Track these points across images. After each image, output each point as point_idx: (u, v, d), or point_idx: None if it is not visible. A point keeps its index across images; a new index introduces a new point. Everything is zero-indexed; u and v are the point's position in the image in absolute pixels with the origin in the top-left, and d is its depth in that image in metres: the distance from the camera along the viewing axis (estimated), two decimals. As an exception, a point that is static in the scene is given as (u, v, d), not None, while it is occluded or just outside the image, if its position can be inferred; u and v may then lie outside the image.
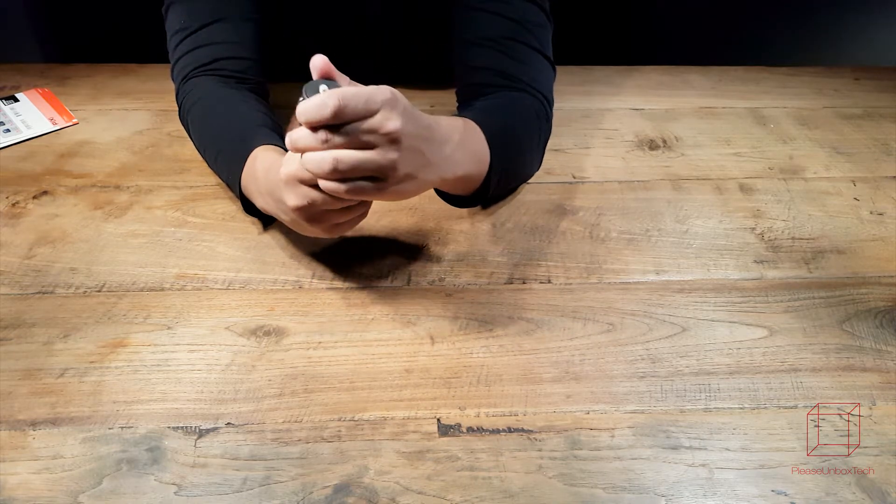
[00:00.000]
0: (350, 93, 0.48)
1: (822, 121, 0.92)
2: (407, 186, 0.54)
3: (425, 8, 0.81)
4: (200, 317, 0.62)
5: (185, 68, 0.74)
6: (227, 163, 0.68)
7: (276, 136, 0.68)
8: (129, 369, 0.57)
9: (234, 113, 0.71)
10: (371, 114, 0.49)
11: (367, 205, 0.59)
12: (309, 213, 0.55)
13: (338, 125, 0.49)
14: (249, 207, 0.68)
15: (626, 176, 0.81)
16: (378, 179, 0.52)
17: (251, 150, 0.64)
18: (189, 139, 0.76)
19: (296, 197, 0.54)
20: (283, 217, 0.60)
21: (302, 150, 0.51)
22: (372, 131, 0.50)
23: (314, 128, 0.49)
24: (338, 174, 0.50)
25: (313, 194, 0.53)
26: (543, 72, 0.75)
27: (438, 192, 0.71)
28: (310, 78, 0.52)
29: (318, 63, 0.52)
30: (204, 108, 0.72)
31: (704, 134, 0.89)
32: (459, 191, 0.67)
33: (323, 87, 0.50)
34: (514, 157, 0.71)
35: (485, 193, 0.67)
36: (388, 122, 0.50)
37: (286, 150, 0.63)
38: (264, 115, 0.72)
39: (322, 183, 0.51)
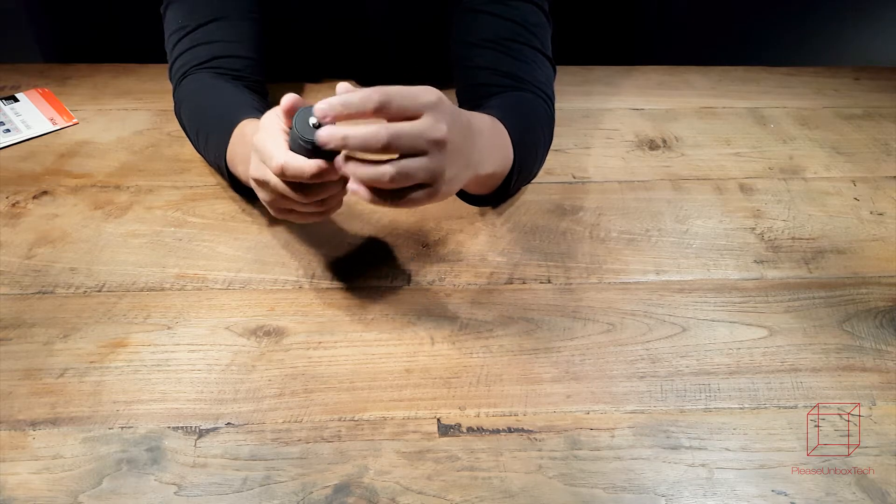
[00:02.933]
0: (395, 90, 0.47)
1: (822, 121, 0.92)
2: (450, 188, 0.53)
3: (426, 9, 0.81)
4: (200, 317, 0.62)
5: (183, 67, 0.74)
6: (215, 142, 0.68)
7: (260, 113, 0.67)
8: (129, 369, 0.57)
9: (224, 97, 0.71)
10: (416, 115, 0.48)
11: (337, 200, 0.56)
12: (278, 207, 0.54)
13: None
14: (235, 184, 0.68)
15: (626, 176, 0.81)
16: (426, 185, 0.50)
17: (237, 124, 0.64)
18: (188, 138, 0.76)
19: (265, 194, 0.54)
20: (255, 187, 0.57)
21: (354, 147, 0.48)
22: (421, 135, 0.48)
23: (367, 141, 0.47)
24: (393, 185, 0.49)
25: (274, 181, 0.51)
26: (545, 72, 0.75)
27: (459, 194, 0.70)
28: (311, 78, 0.52)
29: (288, 101, 0.51)
30: (196, 97, 0.73)
31: (704, 134, 0.89)
32: (483, 189, 0.66)
33: (313, 119, 0.49)
34: (532, 156, 0.71)
35: (505, 191, 0.66)
36: (439, 125, 0.49)
37: None
38: (254, 100, 0.72)
39: (362, 191, 0.49)
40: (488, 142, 0.59)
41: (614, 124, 0.90)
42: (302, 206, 0.53)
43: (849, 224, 0.75)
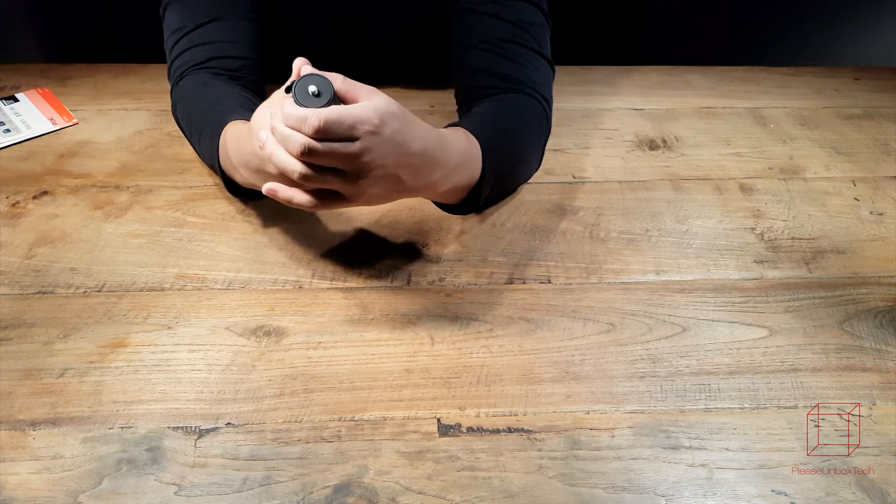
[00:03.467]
0: (333, 117, 0.49)
1: (822, 121, 0.92)
2: (374, 202, 0.56)
3: (426, 9, 0.81)
4: (200, 317, 0.62)
5: (180, 67, 0.74)
6: (207, 141, 0.68)
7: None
8: (129, 369, 0.57)
9: (216, 95, 0.71)
10: (351, 139, 0.50)
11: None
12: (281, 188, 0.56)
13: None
14: (231, 186, 0.68)
15: (626, 176, 0.81)
16: (342, 195, 0.54)
17: (227, 123, 0.64)
18: (186, 138, 0.76)
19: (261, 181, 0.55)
20: (260, 184, 0.58)
21: (279, 145, 0.51)
22: (347, 158, 0.50)
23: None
24: (304, 183, 0.52)
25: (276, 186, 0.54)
26: (542, 73, 0.75)
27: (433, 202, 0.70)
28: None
29: (299, 65, 0.53)
30: (190, 95, 0.73)
31: (704, 134, 0.89)
32: (448, 200, 0.66)
33: (312, 87, 0.50)
34: (512, 162, 0.70)
35: (476, 202, 0.66)
36: (365, 153, 0.50)
37: None
38: (248, 98, 0.72)
39: (289, 181, 0.53)
40: (450, 167, 0.59)
41: (614, 124, 0.90)
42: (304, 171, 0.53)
43: (849, 224, 0.75)
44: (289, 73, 0.68)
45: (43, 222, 0.70)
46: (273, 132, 0.51)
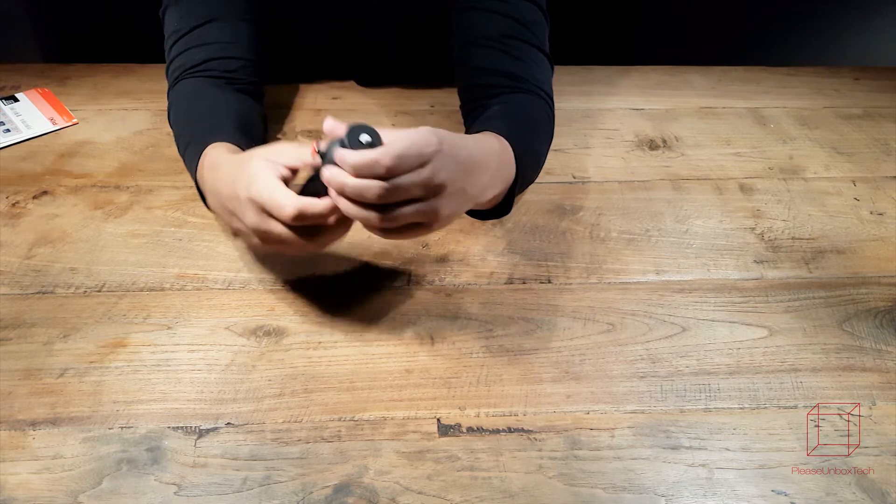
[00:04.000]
0: (401, 150, 0.48)
1: (822, 121, 0.92)
2: (448, 222, 0.55)
3: (426, 8, 0.81)
4: (200, 317, 0.62)
5: (178, 69, 0.74)
6: (190, 159, 0.67)
7: (240, 133, 0.67)
8: (129, 369, 0.57)
9: (206, 108, 0.70)
10: (421, 165, 0.49)
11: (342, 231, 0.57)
12: (266, 238, 0.54)
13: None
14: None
15: (626, 176, 0.81)
16: (422, 224, 0.52)
17: (208, 144, 0.63)
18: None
19: (257, 219, 0.53)
20: (230, 223, 0.58)
21: (351, 201, 0.50)
22: (425, 184, 0.50)
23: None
24: (387, 225, 0.51)
25: (279, 230, 0.52)
26: (544, 70, 0.75)
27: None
28: (312, 78, 0.52)
29: (330, 126, 0.51)
30: (182, 102, 0.72)
31: (704, 134, 0.89)
32: (485, 207, 0.65)
33: (365, 136, 0.49)
34: (534, 164, 0.70)
35: (508, 207, 0.66)
36: (437, 174, 0.50)
37: (239, 148, 0.62)
38: (242, 112, 0.71)
39: (364, 223, 0.51)
40: (493, 170, 0.59)
41: (614, 124, 0.90)
42: (303, 247, 0.54)
43: (849, 224, 0.75)
44: (289, 74, 0.69)
45: (43, 222, 0.70)
46: (344, 190, 0.49)
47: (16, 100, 0.87)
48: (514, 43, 0.73)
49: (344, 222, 0.53)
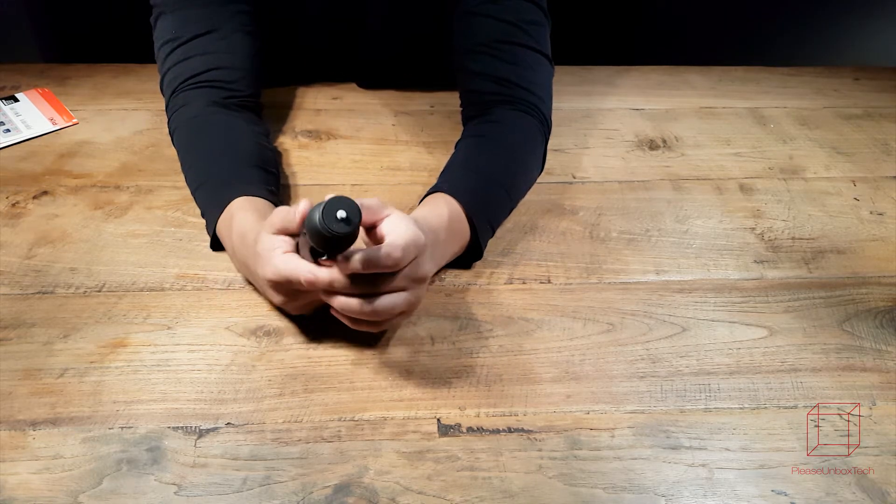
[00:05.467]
0: (403, 249, 0.50)
1: (822, 121, 0.92)
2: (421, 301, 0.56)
3: (426, 11, 0.81)
4: (200, 317, 0.62)
5: (175, 80, 0.73)
6: (204, 200, 0.67)
7: (260, 171, 0.67)
8: (129, 369, 0.57)
9: (219, 144, 0.70)
10: (415, 260, 0.52)
11: None
12: (293, 303, 0.58)
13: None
14: (216, 245, 0.67)
15: (626, 176, 0.81)
16: (405, 312, 0.54)
17: (231, 198, 0.63)
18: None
19: (279, 295, 0.57)
20: (257, 284, 0.61)
21: (340, 302, 0.52)
22: (409, 278, 0.52)
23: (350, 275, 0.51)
24: (377, 318, 0.53)
25: (300, 297, 0.56)
26: (540, 72, 0.75)
27: None
28: (312, 79, 0.52)
29: (303, 208, 0.52)
30: (189, 132, 0.71)
31: (704, 134, 0.89)
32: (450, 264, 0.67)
33: (341, 212, 0.48)
34: (503, 202, 0.70)
35: (479, 252, 0.67)
36: (422, 266, 0.53)
37: (267, 198, 0.64)
38: (252, 143, 0.70)
39: (346, 321, 0.55)
40: (445, 240, 0.62)
41: (614, 124, 0.90)
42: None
43: (849, 224, 0.75)
44: (289, 74, 0.68)
45: (43, 222, 0.70)
46: (337, 306, 0.52)
47: (16, 100, 0.87)
48: (508, 47, 0.73)
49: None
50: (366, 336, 0.61)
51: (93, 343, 0.59)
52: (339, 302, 0.52)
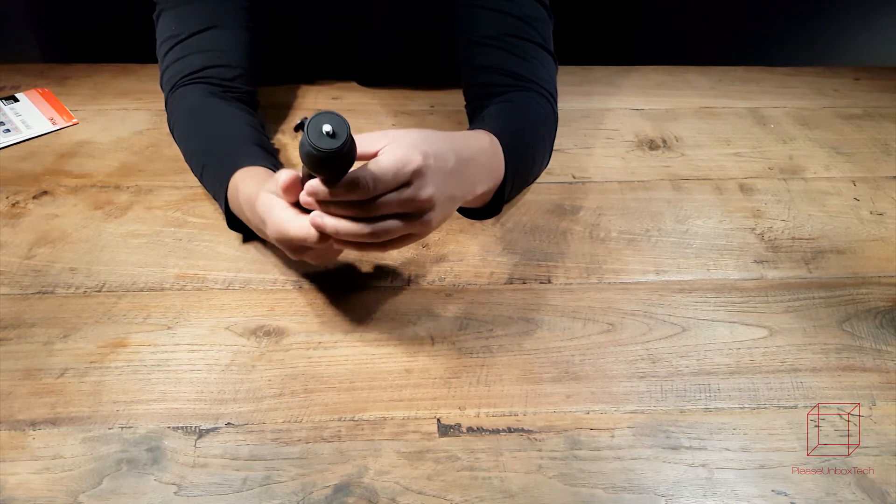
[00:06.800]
0: (379, 173, 0.47)
1: (822, 121, 0.92)
2: (436, 227, 0.54)
3: (427, 7, 0.81)
4: (200, 317, 0.62)
5: (174, 77, 0.73)
6: (211, 180, 0.68)
7: (260, 150, 0.67)
8: (129, 369, 0.57)
9: (219, 126, 0.70)
10: (404, 184, 0.49)
11: None
12: (309, 255, 0.56)
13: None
14: (233, 223, 0.66)
15: (626, 176, 0.81)
16: (413, 234, 0.52)
17: (234, 170, 0.63)
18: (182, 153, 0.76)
19: (292, 252, 0.55)
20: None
21: (333, 224, 0.50)
22: (407, 203, 0.49)
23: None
24: (375, 241, 0.51)
25: (311, 250, 0.54)
26: (547, 68, 0.75)
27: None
28: (312, 79, 0.51)
29: (287, 179, 0.51)
30: (189, 120, 0.72)
31: (704, 134, 0.89)
32: (474, 204, 0.66)
33: (327, 126, 0.45)
34: (528, 164, 0.70)
35: (499, 205, 0.66)
36: (421, 192, 0.50)
37: (269, 168, 0.63)
38: (250, 127, 0.71)
39: (355, 245, 0.52)
40: (481, 167, 0.59)
41: (614, 124, 0.90)
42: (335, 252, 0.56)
43: (849, 224, 0.75)
44: (289, 74, 0.68)
45: (43, 222, 0.70)
46: (323, 225, 0.50)
47: (16, 100, 0.87)
48: (517, 41, 0.73)
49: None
50: (366, 336, 0.61)
51: (93, 343, 0.59)
52: (332, 227, 0.50)
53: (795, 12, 1.26)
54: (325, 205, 0.49)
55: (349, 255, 0.68)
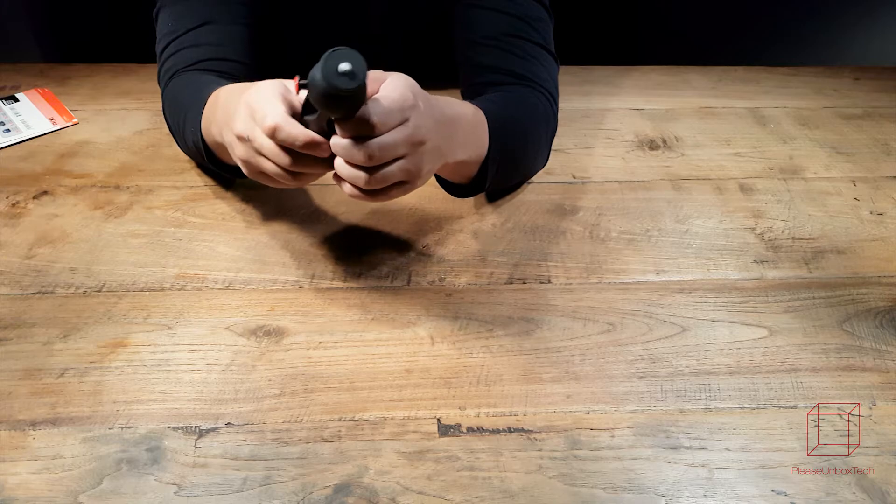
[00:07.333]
0: (386, 108, 0.48)
1: (822, 121, 0.92)
2: (426, 179, 0.55)
3: (428, 6, 0.81)
4: (200, 317, 0.62)
5: (170, 70, 0.73)
6: (192, 119, 0.66)
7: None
8: (129, 369, 0.57)
9: (206, 81, 0.69)
10: (403, 122, 0.50)
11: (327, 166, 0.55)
12: (253, 168, 0.54)
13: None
14: (211, 157, 0.65)
15: (626, 176, 0.81)
16: (405, 182, 0.53)
17: (211, 93, 0.62)
18: (174, 138, 0.76)
19: (251, 161, 0.53)
20: (231, 147, 0.57)
21: (342, 162, 0.51)
22: (404, 142, 0.50)
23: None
24: (373, 186, 0.51)
25: (260, 141, 0.51)
26: (548, 67, 0.75)
27: (440, 182, 0.70)
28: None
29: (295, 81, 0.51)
30: (178, 88, 0.71)
31: (704, 134, 0.89)
32: (457, 178, 0.66)
33: (344, 65, 0.43)
34: (518, 147, 0.70)
35: (482, 182, 0.66)
36: (418, 130, 0.50)
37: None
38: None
39: (346, 187, 0.52)
40: (464, 130, 0.60)
41: (614, 124, 0.90)
42: (279, 173, 0.53)
43: (849, 224, 0.75)
44: (289, 74, 0.66)
45: (43, 222, 0.70)
46: (337, 154, 0.50)
47: (16, 100, 0.87)
48: (518, 41, 0.73)
49: (325, 162, 0.52)
50: (366, 336, 0.61)
51: (93, 343, 0.59)
52: (341, 170, 0.50)
53: (795, 12, 1.26)
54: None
55: (347, 250, 0.68)
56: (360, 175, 0.50)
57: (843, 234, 0.74)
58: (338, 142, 0.50)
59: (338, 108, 0.46)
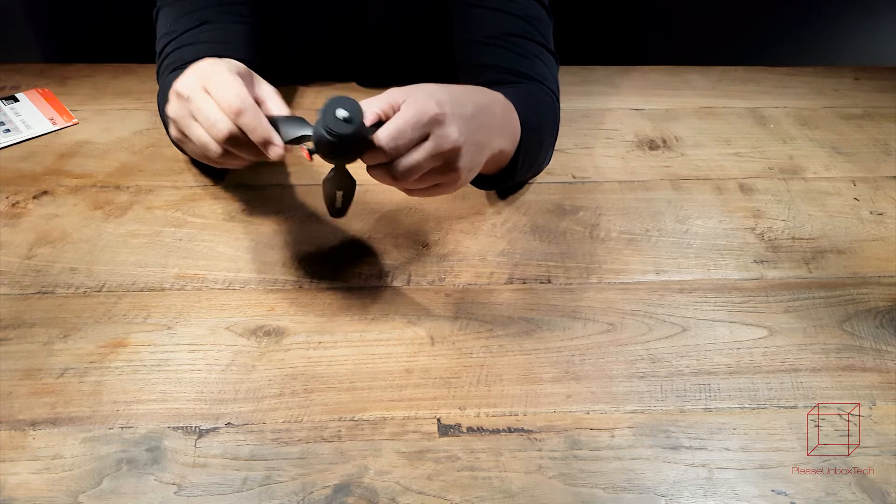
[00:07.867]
0: (397, 131, 0.49)
1: (822, 121, 0.92)
2: (470, 175, 0.55)
3: (426, 5, 0.81)
4: (200, 317, 0.62)
5: (168, 67, 0.73)
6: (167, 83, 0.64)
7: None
8: (129, 369, 0.57)
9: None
10: (424, 137, 0.50)
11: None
12: (187, 122, 0.53)
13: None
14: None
15: (626, 176, 0.81)
16: (445, 184, 0.54)
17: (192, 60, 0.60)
18: (166, 131, 0.75)
19: (177, 112, 0.53)
20: (176, 118, 0.56)
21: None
22: (433, 157, 0.50)
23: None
24: (408, 187, 0.53)
25: (208, 111, 0.50)
26: (548, 66, 0.75)
27: None
28: (312, 79, 0.51)
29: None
30: (170, 82, 0.70)
31: (704, 134, 0.89)
32: (490, 168, 0.66)
33: (342, 112, 0.46)
34: (537, 141, 0.70)
35: (512, 173, 0.66)
36: (444, 142, 0.51)
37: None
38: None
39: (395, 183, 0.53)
40: (498, 118, 0.60)
41: (614, 124, 0.90)
42: (204, 143, 0.52)
43: (849, 224, 0.75)
44: (289, 74, 0.67)
45: (43, 222, 0.70)
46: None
47: (16, 100, 0.87)
48: (519, 41, 0.73)
49: (256, 153, 0.51)
50: (366, 336, 0.61)
51: (93, 343, 0.59)
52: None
53: (795, 12, 1.26)
54: None
55: (347, 249, 0.68)
56: (398, 186, 0.52)
57: (843, 234, 0.74)
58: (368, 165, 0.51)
59: (342, 154, 0.48)
